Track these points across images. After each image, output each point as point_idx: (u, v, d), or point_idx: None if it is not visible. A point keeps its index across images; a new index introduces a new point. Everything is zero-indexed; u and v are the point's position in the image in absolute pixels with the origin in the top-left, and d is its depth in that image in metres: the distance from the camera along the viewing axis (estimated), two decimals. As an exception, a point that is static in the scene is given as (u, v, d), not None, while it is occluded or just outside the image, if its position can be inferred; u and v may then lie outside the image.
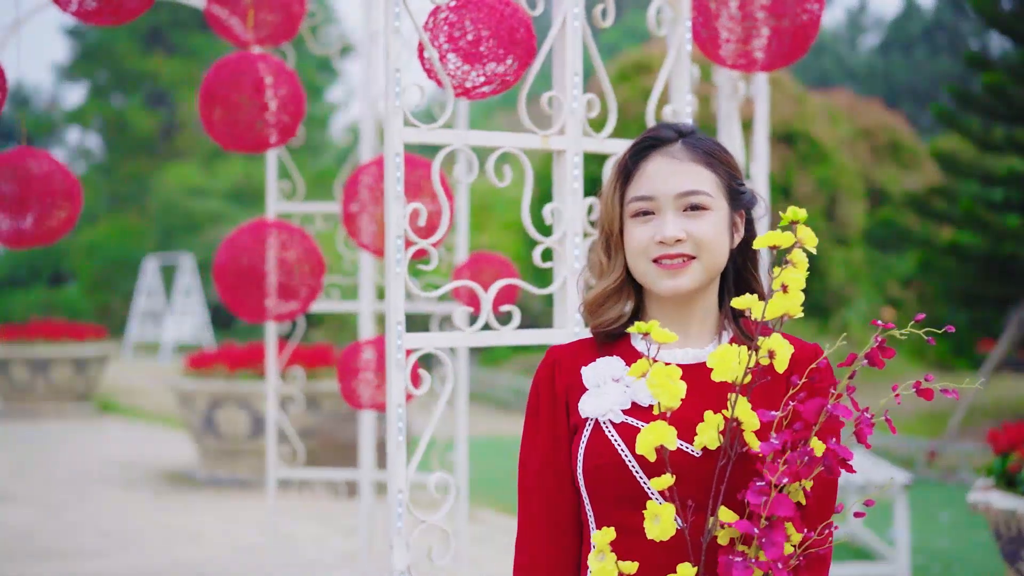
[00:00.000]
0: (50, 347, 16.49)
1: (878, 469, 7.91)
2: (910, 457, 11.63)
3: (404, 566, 2.97)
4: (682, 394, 2.01)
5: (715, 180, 2.24)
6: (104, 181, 32.86)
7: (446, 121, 3.18)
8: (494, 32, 3.21)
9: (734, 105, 4.99)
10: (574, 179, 3.24)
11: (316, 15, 6.40)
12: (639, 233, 2.24)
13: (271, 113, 4.14)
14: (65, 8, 4.16)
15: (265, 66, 4.22)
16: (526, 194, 3.25)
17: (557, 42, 3.27)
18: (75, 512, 9.61)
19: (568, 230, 3.23)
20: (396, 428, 2.95)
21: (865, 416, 2.02)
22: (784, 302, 2.04)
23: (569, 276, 3.23)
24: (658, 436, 1.99)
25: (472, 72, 3.22)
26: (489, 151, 3.27)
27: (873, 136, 21.08)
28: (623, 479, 2.15)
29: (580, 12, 3.27)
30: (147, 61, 31.29)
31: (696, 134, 2.30)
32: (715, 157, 2.26)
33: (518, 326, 3.22)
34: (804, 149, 18.12)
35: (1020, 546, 5.11)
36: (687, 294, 2.24)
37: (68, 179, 4.47)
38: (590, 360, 2.29)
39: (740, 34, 3.78)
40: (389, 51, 2.98)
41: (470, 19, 3.21)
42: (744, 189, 2.29)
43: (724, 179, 2.26)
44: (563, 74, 3.25)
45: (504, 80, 3.23)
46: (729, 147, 4.96)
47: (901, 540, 7.44)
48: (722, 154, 2.28)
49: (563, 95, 3.25)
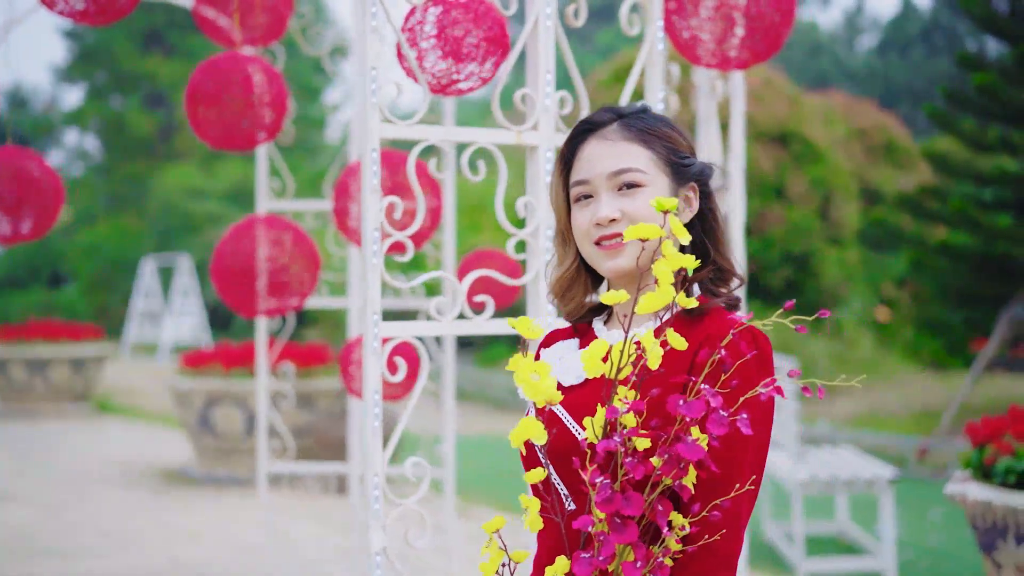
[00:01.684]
0: (48, 347, 16.55)
1: (864, 464, 7.99)
2: (901, 455, 11.72)
3: (379, 547, 3.07)
4: (550, 393, 1.97)
5: (650, 156, 2.23)
6: (102, 182, 32.96)
7: (422, 117, 3.26)
8: (474, 31, 3.31)
9: (713, 103, 5.07)
10: (547, 173, 3.34)
11: (305, 16, 6.49)
12: (580, 217, 2.26)
13: (256, 112, 4.23)
14: (52, 8, 4.25)
15: (250, 66, 4.31)
16: (500, 188, 3.34)
17: (530, 41, 3.36)
18: (73, 511, 9.68)
19: (541, 223, 3.32)
20: (372, 414, 3.05)
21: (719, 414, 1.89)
22: (653, 299, 1.93)
23: (542, 268, 3.32)
24: (527, 431, 1.96)
25: (450, 70, 3.32)
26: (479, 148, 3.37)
27: (867, 136, 21.18)
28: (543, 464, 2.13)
29: (552, 12, 3.36)
30: (145, 62, 31.37)
31: (639, 114, 2.29)
32: (651, 133, 2.25)
33: (491, 316, 3.32)
34: (798, 149, 18.22)
35: (996, 536, 5.19)
36: (631, 273, 2.22)
37: (52, 178, 4.57)
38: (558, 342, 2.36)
39: (716, 33, 3.88)
40: (366, 49, 3.08)
41: (452, 18, 3.31)
42: (690, 162, 2.25)
43: (662, 154, 2.24)
44: (536, 72, 3.34)
45: (480, 78, 3.33)
46: (708, 145, 5.06)
47: (887, 535, 7.54)
48: (661, 129, 2.26)
49: (536, 92, 3.34)
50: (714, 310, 2.19)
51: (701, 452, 1.85)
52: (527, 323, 1.99)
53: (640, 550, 1.88)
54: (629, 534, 1.87)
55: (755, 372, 2.04)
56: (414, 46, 3.29)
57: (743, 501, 2.05)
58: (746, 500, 2.06)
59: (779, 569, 7.79)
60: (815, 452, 8.53)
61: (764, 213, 17.78)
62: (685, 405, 1.86)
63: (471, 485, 10.56)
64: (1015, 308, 13.26)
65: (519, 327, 2.00)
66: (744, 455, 2.04)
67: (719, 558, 2.02)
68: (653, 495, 1.89)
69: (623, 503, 1.86)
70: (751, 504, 2.08)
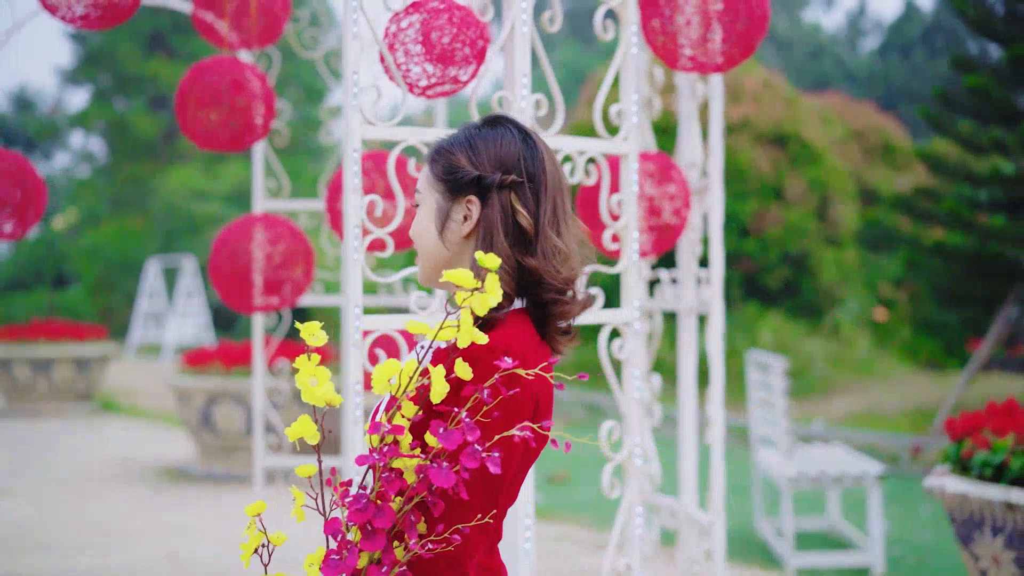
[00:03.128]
0: (52, 347, 16.67)
1: (853, 461, 8.11)
2: (895, 453, 11.83)
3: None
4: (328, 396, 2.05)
5: (428, 175, 2.37)
6: (106, 184, 33.08)
7: (411, 119, 3.40)
8: (454, 36, 3.45)
9: (694, 105, 5.20)
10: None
11: (301, 20, 6.62)
12: None
13: (244, 114, 4.36)
14: (54, 13, 4.39)
15: (238, 69, 4.44)
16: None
17: (506, 45, 3.49)
18: (73, 508, 9.79)
19: (518, 221, 3.45)
20: (353, 403, 3.17)
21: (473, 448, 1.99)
22: (465, 335, 2.04)
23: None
24: (300, 429, 2.05)
25: (429, 73, 3.45)
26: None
27: (865, 138, 21.30)
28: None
29: (528, 18, 3.49)
30: (149, 65, 31.50)
31: (460, 134, 2.39)
32: (437, 153, 2.38)
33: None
34: (796, 150, 18.35)
35: (972, 528, 5.31)
36: (427, 282, 2.41)
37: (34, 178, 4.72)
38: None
39: (692, 38, 4.00)
40: (347, 53, 3.21)
41: (433, 24, 3.44)
42: (463, 175, 2.32)
43: (438, 172, 2.35)
44: (512, 75, 3.47)
45: (456, 80, 3.46)
46: (689, 144, 5.18)
47: (875, 530, 7.67)
48: (447, 147, 2.37)
49: (512, 95, 3.47)
50: (507, 318, 2.27)
51: (452, 480, 1.96)
52: (313, 328, 2.05)
53: (389, 555, 2.01)
54: (377, 543, 1.99)
55: (516, 408, 2.12)
56: (395, 51, 3.42)
57: (464, 520, 2.12)
58: (467, 520, 2.13)
59: (769, 564, 7.90)
60: (805, 449, 8.65)
61: (762, 214, 17.91)
62: (444, 434, 1.97)
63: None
64: (1010, 308, 13.37)
65: (304, 332, 2.06)
66: (488, 488, 2.12)
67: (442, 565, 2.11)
68: (406, 508, 2.01)
69: (375, 514, 1.98)
70: (475, 528, 2.14)
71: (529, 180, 2.31)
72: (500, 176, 2.29)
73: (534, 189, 2.32)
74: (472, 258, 2.30)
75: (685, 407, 5.44)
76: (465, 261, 2.33)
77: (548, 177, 2.34)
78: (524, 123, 2.40)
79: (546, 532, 8.80)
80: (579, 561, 7.84)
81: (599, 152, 3.73)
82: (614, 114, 3.78)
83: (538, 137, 2.38)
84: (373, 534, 1.99)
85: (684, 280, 5.36)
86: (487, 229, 2.28)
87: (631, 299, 3.79)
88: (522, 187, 2.31)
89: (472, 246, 2.32)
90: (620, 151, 3.76)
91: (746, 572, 7.69)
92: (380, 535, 1.99)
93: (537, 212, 2.31)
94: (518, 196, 2.30)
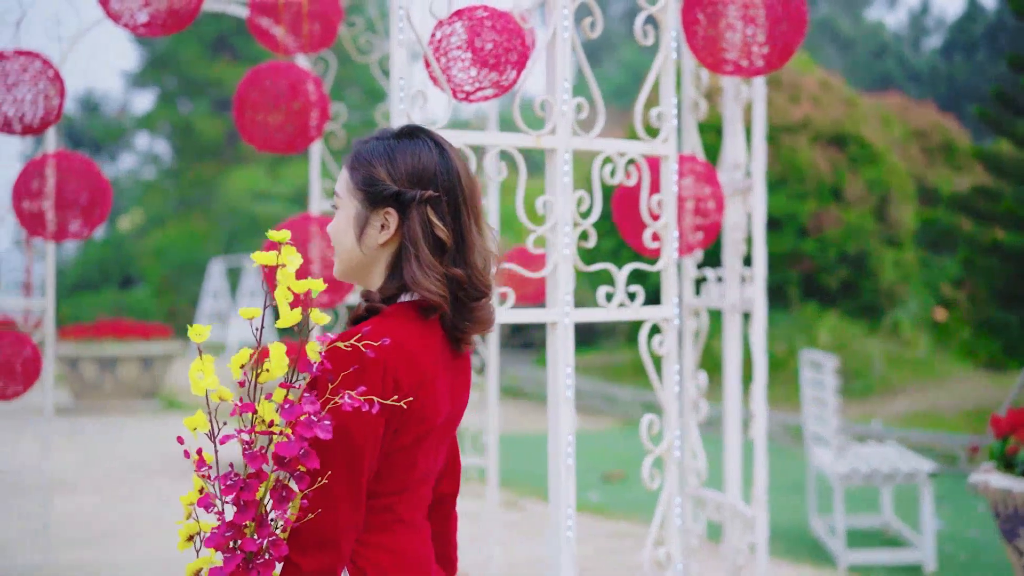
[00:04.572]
0: (118, 346, 16.97)
1: (905, 459, 8.16)
2: (953, 453, 11.81)
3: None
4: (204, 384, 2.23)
5: (348, 181, 2.48)
6: (172, 186, 33.53)
7: (470, 123, 3.53)
8: (498, 43, 3.58)
9: (738, 107, 5.29)
10: (564, 174, 3.60)
11: (356, 25, 6.78)
12: None
13: (299, 116, 4.51)
14: (117, 21, 4.56)
15: (295, 72, 4.60)
16: (520, 188, 3.62)
17: (548, 51, 3.62)
18: (132, 502, 10.06)
19: (559, 220, 3.58)
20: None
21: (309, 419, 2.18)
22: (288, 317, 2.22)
23: (560, 261, 3.58)
24: (193, 421, 2.24)
25: (473, 79, 3.59)
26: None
27: (926, 138, 21.18)
28: None
29: (569, 24, 3.61)
30: (213, 68, 31.87)
31: (366, 142, 2.52)
32: (359, 160, 2.48)
33: (512, 306, 3.58)
34: (855, 151, 18.30)
35: (1016, 524, 5.36)
36: (342, 277, 2.54)
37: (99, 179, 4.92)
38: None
39: (735, 43, 4.11)
40: (394, 60, 3.35)
41: (477, 31, 3.58)
42: (383, 189, 2.44)
43: (358, 181, 2.47)
44: (554, 80, 3.60)
45: (499, 85, 3.60)
46: (734, 146, 5.28)
47: (927, 527, 7.71)
48: (367, 157, 2.48)
49: (554, 99, 3.60)
50: (392, 310, 2.44)
51: (296, 449, 2.14)
52: (198, 329, 2.20)
53: (264, 529, 2.19)
54: (246, 515, 2.17)
55: (353, 384, 2.26)
56: (440, 57, 3.57)
57: (327, 493, 2.27)
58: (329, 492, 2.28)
59: (821, 562, 7.96)
60: (857, 447, 8.69)
61: (820, 214, 17.88)
62: (285, 409, 2.17)
63: (525, 480, 10.84)
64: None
65: (191, 333, 2.20)
66: (328, 454, 2.26)
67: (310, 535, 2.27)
68: (267, 482, 2.19)
69: (243, 489, 2.16)
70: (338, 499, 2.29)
71: (445, 193, 2.44)
72: (419, 193, 2.41)
73: (451, 202, 2.44)
74: (387, 262, 2.45)
75: (730, 402, 5.54)
76: (380, 264, 2.47)
77: (464, 188, 2.46)
78: (439, 135, 2.53)
79: (602, 529, 8.90)
80: (633, 557, 7.94)
81: (639, 153, 3.84)
82: (654, 117, 3.89)
83: (452, 149, 2.51)
84: (244, 508, 2.16)
85: (728, 278, 5.46)
86: (411, 243, 2.41)
87: (670, 296, 3.90)
88: (439, 201, 2.43)
89: (388, 252, 2.46)
90: (659, 152, 3.88)
91: (797, 569, 7.76)
92: (249, 508, 2.16)
93: (457, 224, 2.45)
94: (435, 210, 2.42)
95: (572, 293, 3.61)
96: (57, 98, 4.79)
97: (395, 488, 2.40)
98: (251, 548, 2.16)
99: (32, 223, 5.38)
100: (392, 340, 2.31)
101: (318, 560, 2.25)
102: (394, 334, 2.34)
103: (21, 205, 5.38)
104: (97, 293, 30.37)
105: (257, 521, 2.18)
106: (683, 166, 4.80)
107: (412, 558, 2.45)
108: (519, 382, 19.90)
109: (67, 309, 27.17)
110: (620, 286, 3.77)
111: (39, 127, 4.77)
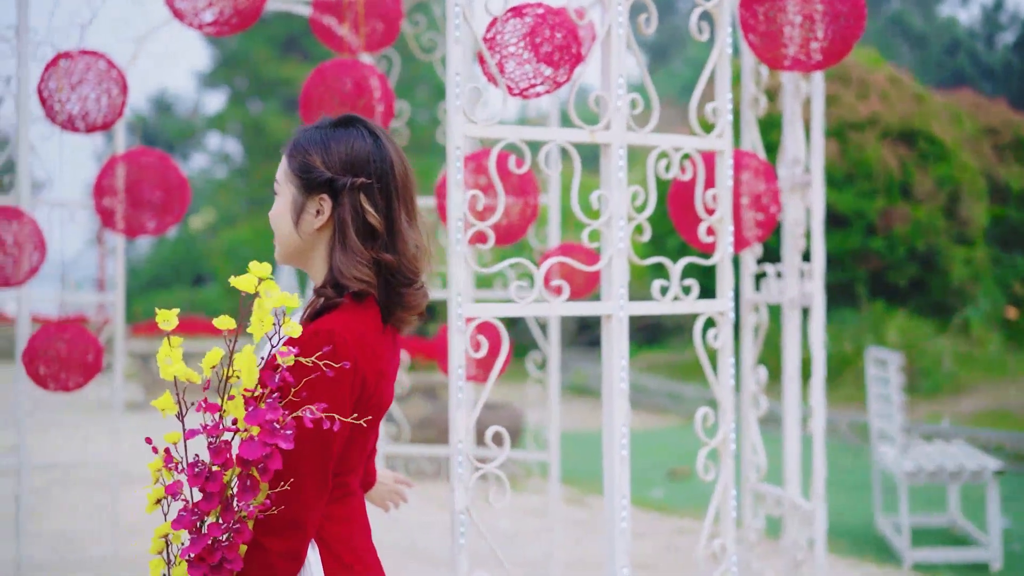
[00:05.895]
0: (189, 343, 17.22)
1: (971, 457, 8.12)
2: (1023, 452, 11.71)
3: (462, 507, 3.39)
4: (184, 373, 2.34)
5: (286, 168, 2.59)
6: (243, 185, 33.90)
7: (527, 119, 3.59)
8: (553, 39, 3.64)
9: (797, 103, 5.30)
10: (619, 169, 3.64)
11: (419, 24, 6.85)
12: None
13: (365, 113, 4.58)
14: (182, 19, 4.66)
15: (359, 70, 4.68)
16: (575, 182, 3.67)
17: (603, 47, 3.67)
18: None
19: (614, 214, 3.62)
20: (457, 386, 3.38)
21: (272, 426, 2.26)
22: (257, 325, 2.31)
23: (615, 255, 3.62)
24: (160, 403, 2.36)
25: (528, 75, 3.64)
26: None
27: (998, 135, 20.93)
28: None
29: (624, 21, 3.66)
30: (283, 68, 32.18)
31: (306, 130, 2.63)
32: (295, 148, 2.59)
33: (567, 298, 3.63)
34: (924, 147, 18.14)
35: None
36: (282, 261, 2.64)
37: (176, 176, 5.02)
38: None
39: (794, 38, 4.12)
40: (451, 57, 3.41)
41: (532, 28, 3.64)
42: (317, 175, 2.54)
43: (295, 168, 2.57)
44: (609, 76, 3.64)
45: (555, 82, 3.65)
46: (793, 142, 5.29)
47: (994, 526, 7.66)
48: (303, 145, 2.59)
49: (608, 94, 3.64)
50: (343, 305, 2.51)
51: (259, 453, 2.22)
52: (166, 315, 2.31)
53: (228, 514, 2.27)
54: (212, 504, 2.26)
55: (322, 389, 2.35)
56: (495, 54, 3.62)
57: (296, 479, 2.34)
58: (298, 479, 2.34)
59: (886, 559, 7.93)
60: (923, 445, 8.65)
61: (889, 211, 17.74)
62: (250, 413, 2.25)
63: (589, 477, 10.88)
64: None
65: (159, 318, 2.31)
66: (299, 445, 2.31)
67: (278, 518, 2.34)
68: (229, 476, 2.27)
69: (207, 480, 2.25)
70: (306, 486, 2.37)
71: (378, 181, 2.54)
72: (350, 179, 2.51)
73: (383, 189, 2.54)
74: (326, 247, 2.54)
75: (789, 398, 5.55)
76: (318, 249, 2.56)
77: (397, 177, 2.56)
78: (376, 125, 2.62)
79: (665, 526, 8.94)
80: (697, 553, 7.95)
81: (694, 148, 3.88)
82: (709, 112, 3.93)
83: (388, 137, 2.60)
84: (209, 496, 2.25)
85: (788, 273, 5.47)
86: (341, 227, 2.52)
87: (725, 289, 3.93)
88: (371, 188, 2.53)
89: (325, 237, 2.55)
90: (715, 148, 3.91)
91: (861, 567, 7.74)
92: (214, 497, 2.25)
93: (388, 211, 2.54)
94: (367, 197, 2.52)
95: (626, 286, 3.66)
96: (121, 96, 4.90)
97: (351, 467, 2.52)
98: (216, 533, 2.26)
99: (109, 219, 5.50)
100: (353, 335, 2.41)
101: (285, 542, 2.34)
102: (355, 328, 2.44)
103: (101, 202, 5.50)
104: (169, 291, 30.79)
105: (223, 505, 2.28)
106: (739, 161, 4.82)
107: (362, 522, 2.58)
108: (586, 380, 19.93)
109: (140, 306, 27.56)
110: (675, 280, 3.80)
111: (102, 125, 4.88)
